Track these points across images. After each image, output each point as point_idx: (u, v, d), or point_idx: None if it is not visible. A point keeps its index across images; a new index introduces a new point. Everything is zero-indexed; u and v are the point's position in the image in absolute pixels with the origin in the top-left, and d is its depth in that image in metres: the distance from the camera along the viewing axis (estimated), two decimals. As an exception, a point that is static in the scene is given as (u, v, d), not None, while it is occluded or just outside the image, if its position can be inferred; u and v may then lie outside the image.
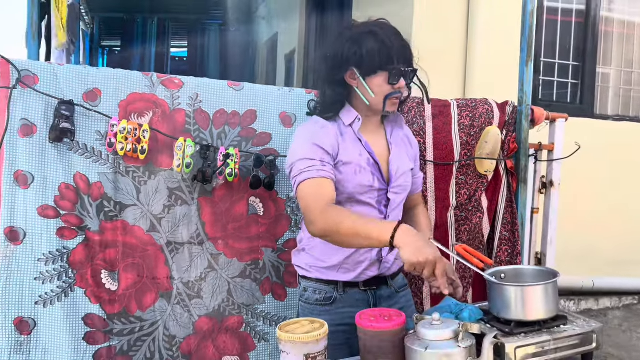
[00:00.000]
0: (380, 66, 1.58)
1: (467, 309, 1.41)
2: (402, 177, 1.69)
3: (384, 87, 1.60)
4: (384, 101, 1.62)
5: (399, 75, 1.60)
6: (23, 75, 1.73)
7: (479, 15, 3.46)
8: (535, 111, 2.39)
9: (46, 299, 1.77)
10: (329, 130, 1.63)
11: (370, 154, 1.65)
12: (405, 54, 1.62)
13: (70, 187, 1.80)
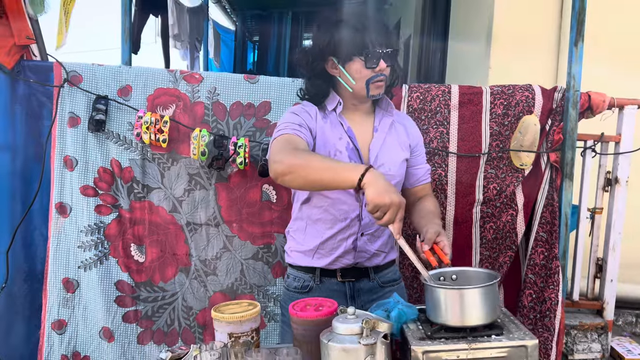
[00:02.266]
0: (354, 52, 1.56)
1: (399, 308, 1.35)
2: (384, 165, 1.64)
3: (363, 72, 1.58)
4: (366, 86, 1.59)
5: (376, 58, 1.56)
6: (71, 76, 2.06)
7: None
8: (593, 97, 2.08)
9: (86, 264, 2.10)
10: (310, 110, 1.65)
11: (351, 139, 1.64)
12: (381, 36, 1.57)
13: (107, 170, 2.10)
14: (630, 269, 3.00)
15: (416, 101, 2.10)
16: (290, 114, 1.63)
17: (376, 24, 1.58)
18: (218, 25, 7.44)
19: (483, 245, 2.10)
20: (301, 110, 1.64)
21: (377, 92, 1.59)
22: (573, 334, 2.21)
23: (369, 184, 1.31)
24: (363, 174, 1.32)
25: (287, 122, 1.60)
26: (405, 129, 1.75)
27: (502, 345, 1.20)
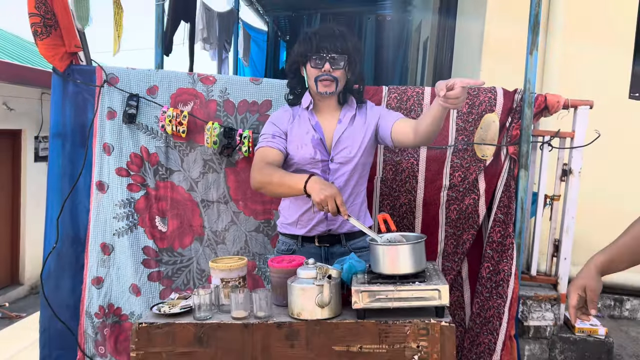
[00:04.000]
0: (307, 55, 1.97)
1: (350, 262, 1.73)
2: (343, 150, 2.01)
3: (313, 71, 1.98)
4: (315, 83, 1.98)
5: (321, 60, 1.94)
6: (110, 77, 2.52)
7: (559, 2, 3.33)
8: (549, 98, 2.40)
9: (119, 232, 2.56)
10: (286, 114, 2.08)
11: (317, 131, 2.03)
12: (330, 44, 1.94)
13: (137, 155, 2.55)
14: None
15: (394, 100, 2.47)
16: (269, 124, 2.08)
17: (330, 34, 1.96)
18: (248, 27, 7.90)
19: (448, 224, 2.45)
20: (278, 117, 2.07)
21: (324, 90, 1.97)
22: (529, 303, 2.53)
23: (310, 190, 1.77)
24: (305, 185, 1.77)
25: (265, 134, 2.06)
26: (365, 114, 2.09)
27: (421, 288, 1.57)
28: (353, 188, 2.07)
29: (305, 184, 1.79)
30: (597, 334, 2.52)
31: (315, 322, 1.62)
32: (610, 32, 3.38)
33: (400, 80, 8.38)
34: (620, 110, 3.33)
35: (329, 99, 2.05)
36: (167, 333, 1.66)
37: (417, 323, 1.59)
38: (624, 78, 3.45)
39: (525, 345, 2.56)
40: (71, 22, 2.51)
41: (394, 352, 1.60)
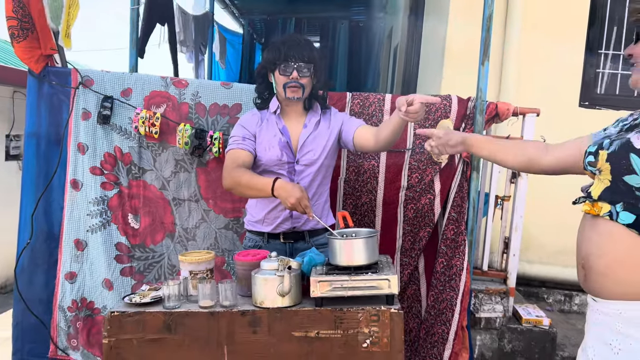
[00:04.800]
0: (275, 63, 2.11)
1: (310, 255, 1.88)
2: (308, 153, 2.16)
3: (281, 78, 2.12)
4: (284, 89, 2.13)
5: (288, 68, 2.09)
6: (85, 79, 2.62)
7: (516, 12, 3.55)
8: (499, 106, 2.59)
9: (93, 228, 2.66)
10: (254, 117, 2.22)
11: (283, 134, 2.17)
12: (297, 53, 2.09)
13: (111, 155, 2.65)
14: (561, 254, 3.51)
15: (357, 106, 2.63)
16: (239, 127, 2.21)
17: (296, 44, 2.11)
18: (224, 29, 7.99)
19: (406, 222, 2.62)
20: (247, 120, 2.20)
21: (292, 95, 2.11)
22: (480, 296, 2.72)
23: (278, 194, 1.92)
24: (272, 186, 1.93)
25: (235, 137, 2.19)
26: (329, 120, 2.25)
27: (373, 278, 1.73)
28: (317, 188, 2.22)
29: (273, 187, 1.93)
30: (542, 324, 2.72)
31: (276, 310, 1.75)
32: (563, 45, 3.61)
33: (372, 84, 8.58)
34: (571, 117, 3.56)
35: (295, 105, 2.20)
36: (138, 321, 1.77)
37: (369, 310, 1.74)
38: (575, 88, 3.69)
39: (477, 335, 2.75)
40: (47, 24, 2.60)
41: (348, 336, 1.75)
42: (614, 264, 1.29)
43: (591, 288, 1.37)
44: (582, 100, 3.70)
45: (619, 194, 1.28)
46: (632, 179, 1.25)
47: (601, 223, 1.32)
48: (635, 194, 1.25)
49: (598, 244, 1.32)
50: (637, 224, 1.25)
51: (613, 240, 1.29)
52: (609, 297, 1.31)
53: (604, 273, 1.31)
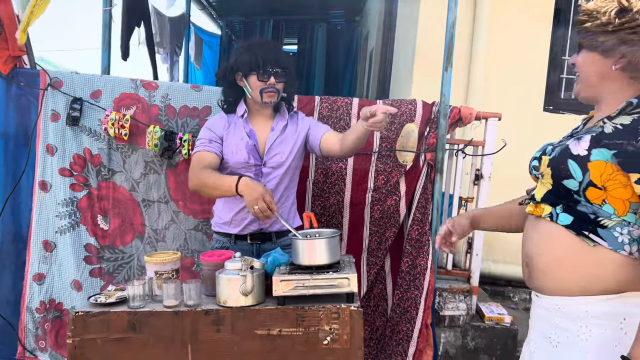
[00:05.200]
0: (251, 69, 2.15)
1: (274, 255, 1.93)
2: (275, 156, 2.21)
3: (258, 83, 2.16)
4: (260, 94, 2.17)
5: (267, 74, 2.14)
6: (53, 81, 2.62)
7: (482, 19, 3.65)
8: (463, 110, 2.67)
9: (62, 229, 2.66)
10: (222, 120, 2.25)
11: (251, 138, 2.21)
12: (273, 59, 2.14)
13: (80, 156, 2.66)
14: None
15: (325, 110, 2.69)
16: (206, 130, 2.24)
17: (272, 51, 2.16)
18: (201, 31, 7.99)
19: (372, 223, 2.68)
20: (214, 123, 2.24)
21: (269, 100, 2.17)
22: (444, 295, 2.80)
23: (241, 190, 1.96)
24: (236, 186, 1.96)
25: (202, 139, 2.22)
26: (296, 123, 2.30)
27: (333, 277, 1.78)
28: (283, 191, 2.27)
29: (237, 186, 1.97)
30: (504, 322, 2.81)
31: (239, 309, 1.80)
32: (527, 52, 3.72)
33: (350, 87, 8.67)
34: (536, 121, 3.67)
35: (264, 108, 2.24)
36: (102, 321, 1.80)
37: (330, 308, 1.79)
38: (539, 93, 3.81)
39: (441, 333, 2.82)
40: (16, 26, 2.60)
41: (310, 334, 1.80)
42: (553, 262, 1.36)
43: (534, 285, 1.44)
44: (547, 105, 3.81)
45: (559, 197, 1.36)
46: (570, 183, 1.32)
47: (543, 224, 1.39)
48: (574, 197, 1.33)
49: (539, 244, 1.40)
50: (574, 225, 1.32)
51: (553, 240, 1.36)
52: (549, 294, 1.38)
53: (544, 271, 1.38)
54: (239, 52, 2.19)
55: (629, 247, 1.28)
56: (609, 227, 1.29)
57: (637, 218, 1.28)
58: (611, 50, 1.32)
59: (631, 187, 1.26)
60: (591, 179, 1.29)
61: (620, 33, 1.30)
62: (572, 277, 1.33)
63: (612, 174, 1.27)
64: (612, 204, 1.29)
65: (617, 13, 1.30)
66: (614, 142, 1.27)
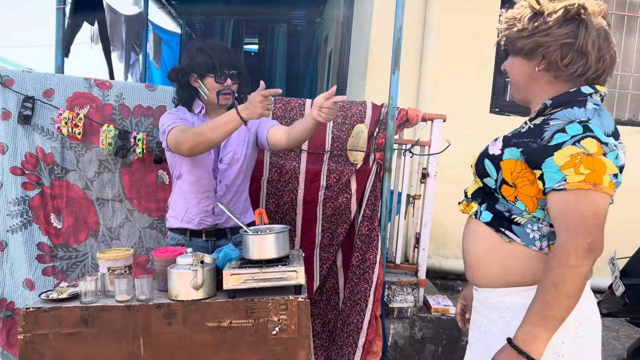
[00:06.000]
0: (207, 71, 2.21)
1: (225, 250, 2.00)
2: (232, 151, 2.27)
3: (214, 85, 2.22)
4: (217, 96, 2.23)
5: (223, 76, 2.21)
6: (4, 79, 2.61)
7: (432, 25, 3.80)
8: (410, 112, 2.80)
9: (13, 228, 2.65)
10: (183, 111, 2.29)
11: None
12: (229, 61, 2.21)
13: (32, 155, 2.65)
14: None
15: (279, 110, 2.77)
16: (169, 115, 2.25)
17: (227, 53, 2.23)
18: (160, 30, 7.94)
19: (324, 219, 2.78)
20: (176, 112, 2.27)
21: (225, 102, 2.23)
22: (393, 288, 2.92)
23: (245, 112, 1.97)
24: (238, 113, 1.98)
25: (171, 120, 2.20)
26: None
27: (282, 270, 1.87)
28: (238, 187, 2.34)
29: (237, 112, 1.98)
30: (449, 312, 2.96)
31: (190, 302, 1.86)
32: (475, 56, 3.90)
33: (310, 88, 8.76)
34: (483, 123, 3.85)
35: (220, 108, 2.30)
36: (54, 316, 1.83)
37: (278, 300, 1.88)
38: (486, 95, 4.00)
39: (390, 324, 2.95)
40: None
41: (259, 325, 1.88)
42: (479, 257, 1.45)
43: (469, 278, 1.54)
44: (493, 107, 4.01)
45: (486, 194, 1.45)
46: (488, 181, 1.42)
47: (471, 221, 1.49)
48: (495, 194, 1.42)
49: (469, 240, 1.49)
50: (493, 222, 1.41)
51: (477, 236, 1.46)
52: (479, 286, 1.48)
53: (473, 266, 1.48)
54: (193, 54, 2.24)
55: (539, 242, 1.35)
56: (522, 224, 1.37)
57: (546, 214, 1.34)
58: (532, 54, 1.39)
59: (537, 184, 1.33)
60: (504, 176, 1.38)
61: (535, 36, 1.36)
62: (494, 270, 1.41)
63: (520, 171, 1.35)
64: (523, 201, 1.36)
65: (530, 18, 1.38)
66: (521, 141, 1.35)
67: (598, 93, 1.37)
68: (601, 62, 1.35)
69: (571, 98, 1.35)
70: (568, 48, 1.33)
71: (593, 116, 1.30)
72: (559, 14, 1.34)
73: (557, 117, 1.33)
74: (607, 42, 1.35)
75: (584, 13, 1.34)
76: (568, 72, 1.36)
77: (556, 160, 1.26)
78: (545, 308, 1.23)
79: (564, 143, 1.26)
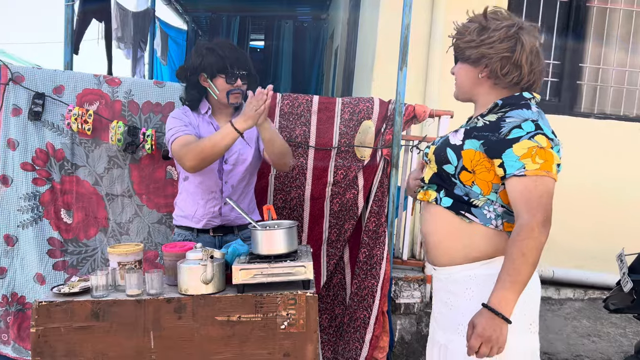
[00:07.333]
0: (218, 71, 2.22)
1: (234, 245, 2.02)
2: (235, 154, 2.30)
3: (224, 85, 2.24)
4: (227, 96, 2.25)
5: (234, 77, 2.23)
6: (15, 76, 2.64)
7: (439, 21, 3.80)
8: (417, 108, 2.81)
9: (24, 224, 2.68)
10: (187, 112, 2.31)
11: None
12: (239, 62, 2.23)
13: (42, 151, 2.68)
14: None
15: (287, 106, 2.78)
16: (174, 119, 2.27)
17: (237, 53, 2.25)
18: (166, 26, 7.96)
19: (332, 215, 2.80)
20: (181, 114, 2.29)
21: (235, 101, 2.25)
22: (400, 284, 2.94)
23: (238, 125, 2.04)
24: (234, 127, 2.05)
25: (176, 127, 2.23)
26: None
27: (290, 265, 1.88)
28: (243, 188, 2.36)
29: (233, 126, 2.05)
30: (456, 308, 2.98)
31: (200, 297, 1.88)
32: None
33: (316, 84, 8.77)
34: (490, 119, 3.84)
35: (228, 107, 2.31)
36: (66, 310, 1.85)
37: (287, 294, 1.89)
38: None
39: (397, 320, 2.97)
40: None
41: (268, 319, 1.89)
42: (441, 238, 1.65)
43: (430, 259, 1.74)
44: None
45: (442, 179, 1.65)
46: (448, 168, 1.62)
47: (431, 207, 1.69)
48: (452, 179, 1.62)
49: (430, 223, 1.69)
50: (453, 206, 1.61)
51: (439, 220, 1.65)
52: (441, 265, 1.68)
53: (435, 247, 1.67)
54: (203, 53, 2.24)
55: (495, 221, 1.58)
56: (479, 207, 1.58)
57: (498, 197, 1.58)
58: (477, 62, 1.62)
59: (493, 171, 1.55)
60: (464, 164, 1.59)
61: (481, 48, 1.59)
62: (456, 249, 1.62)
63: (479, 160, 1.57)
64: (479, 185, 1.58)
65: (477, 32, 1.60)
66: (481, 134, 1.57)
67: (534, 99, 1.62)
68: (532, 74, 1.60)
69: (517, 101, 1.59)
70: (506, 60, 1.58)
71: (538, 117, 1.55)
72: (501, 31, 1.58)
73: (512, 115, 1.56)
74: (537, 58, 1.61)
75: (521, 33, 1.58)
76: (506, 81, 1.60)
77: (515, 151, 1.50)
78: (515, 274, 1.45)
79: (521, 137, 1.50)
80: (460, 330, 1.60)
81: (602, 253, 4.00)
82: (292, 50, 9.00)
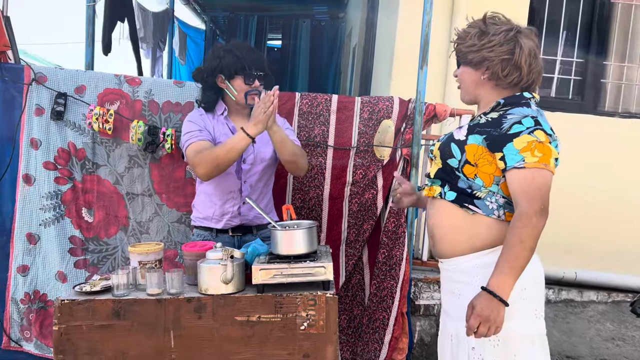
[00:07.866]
0: (236, 72, 2.22)
1: (254, 245, 2.01)
2: (252, 154, 2.29)
3: (242, 86, 2.24)
4: (245, 97, 2.25)
5: (252, 77, 2.23)
6: (38, 76, 2.67)
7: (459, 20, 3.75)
8: (438, 107, 2.78)
9: (46, 222, 2.71)
10: (203, 116, 2.32)
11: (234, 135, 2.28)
12: (257, 63, 2.23)
13: (64, 150, 2.71)
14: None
15: (305, 106, 2.77)
16: (190, 123, 2.29)
17: (254, 54, 2.25)
18: (185, 26, 8.01)
19: (350, 215, 2.78)
20: (197, 117, 2.30)
21: (253, 102, 2.24)
22: (420, 285, 2.91)
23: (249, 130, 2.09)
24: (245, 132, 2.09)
25: (191, 132, 2.25)
26: None
27: (310, 265, 1.87)
28: (262, 188, 2.36)
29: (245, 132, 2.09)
30: (476, 310, 2.93)
31: (220, 297, 1.88)
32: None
33: (333, 83, 8.74)
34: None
35: (245, 108, 2.31)
36: (87, 308, 1.87)
37: (306, 295, 1.88)
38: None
39: (417, 321, 2.94)
40: (0, 22, 2.64)
41: (287, 320, 1.89)
42: (447, 231, 1.72)
43: (436, 252, 1.81)
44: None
45: (446, 173, 1.73)
46: (452, 162, 1.70)
47: (436, 201, 1.77)
48: (456, 173, 1.70)
49: (436, 217, 1.76)
50: (457, 199, 1.69)
51: (444, 213, 1.73)
52: (447, 257, 1.75)
53: (441, 239, 1.75)
54: (220, 55, 2.25)
55: (497, 211, 1.66)
56: (482, 198, 1.66)
57: (499, 188, 1.65)
58: (479, 65, 1.70)
59: (495, 164, 1.63)
60: (467, 158, 1.67)
61: (482, 51, 1.68)
62: (461, 240, 1.70)
63: (482, 153, 1.65)
64: (482, 178, 1.66)
65: (478, 36, 1.69)
66: (484, 130, 1.66)
67: (534, 99, 1.71)
68: (531, 74, 1.69)
69: (517, 100, 1.68)
70: (507, 62, 1.67)
71: (538, 115, 1.64)
72: (500, 35, 1.67)
73: (513, 112, 1.64)
74: (536, 59, 1.70)
75: (520, 36, 1.68)
76: (506, 81, 1.69)
77: (516, 145, 1.58)
78: (514, 260, 1.53)
79: (521, 132, 1.59)
80: None
81: (626, 255, 3.93)
82: (310, 49, 8.98)
